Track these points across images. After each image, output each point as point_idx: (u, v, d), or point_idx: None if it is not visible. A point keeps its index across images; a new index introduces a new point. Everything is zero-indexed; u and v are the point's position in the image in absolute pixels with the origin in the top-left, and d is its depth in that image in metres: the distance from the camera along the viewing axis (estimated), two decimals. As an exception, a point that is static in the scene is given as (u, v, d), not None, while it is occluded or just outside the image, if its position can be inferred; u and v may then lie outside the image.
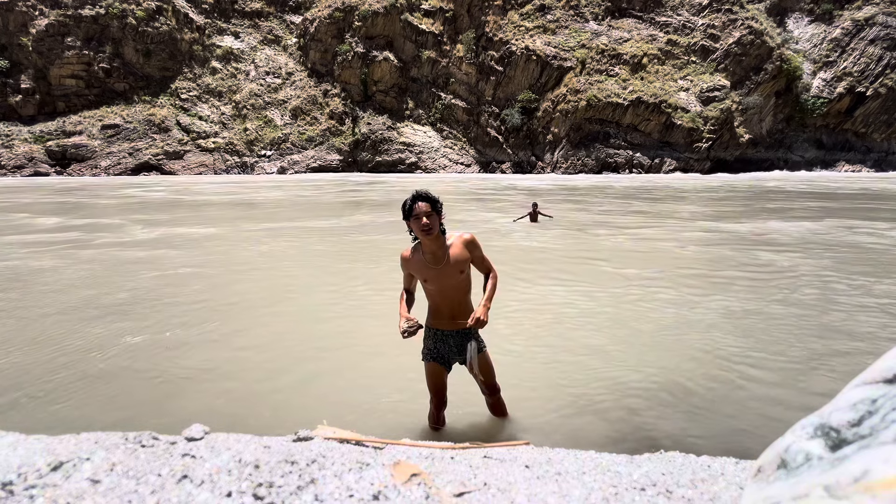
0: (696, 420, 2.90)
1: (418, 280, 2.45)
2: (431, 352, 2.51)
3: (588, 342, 4.09)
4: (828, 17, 46.32)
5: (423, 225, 2.23)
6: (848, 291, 5.55)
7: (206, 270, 6.89)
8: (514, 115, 44.51)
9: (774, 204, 16.90)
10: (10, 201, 19.25)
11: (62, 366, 3.68)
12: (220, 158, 45.45)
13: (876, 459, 0.66)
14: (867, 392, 0.81)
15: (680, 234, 10.18)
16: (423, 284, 2.42)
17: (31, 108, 43.49)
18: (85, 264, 7.36)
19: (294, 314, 4.93)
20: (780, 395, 3.17)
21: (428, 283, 2.39)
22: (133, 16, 45.27)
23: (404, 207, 2.28)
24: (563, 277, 6.35)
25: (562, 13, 46.05)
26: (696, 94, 42.41)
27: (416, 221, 2.24)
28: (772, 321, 4.56)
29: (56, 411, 3.03)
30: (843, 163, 45.40)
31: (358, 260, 7.59)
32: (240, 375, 3.53)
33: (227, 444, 1.38)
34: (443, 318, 2.45)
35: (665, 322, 4.57)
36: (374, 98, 49.91)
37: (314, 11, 51.25)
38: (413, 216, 2.24)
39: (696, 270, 6.72)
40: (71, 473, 1.17)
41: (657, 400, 3.12)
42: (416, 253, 2.40)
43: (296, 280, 6.37)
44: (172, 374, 3.55)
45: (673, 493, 1.22)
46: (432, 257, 2.35)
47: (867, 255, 7.73)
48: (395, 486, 1.19)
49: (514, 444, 1.59)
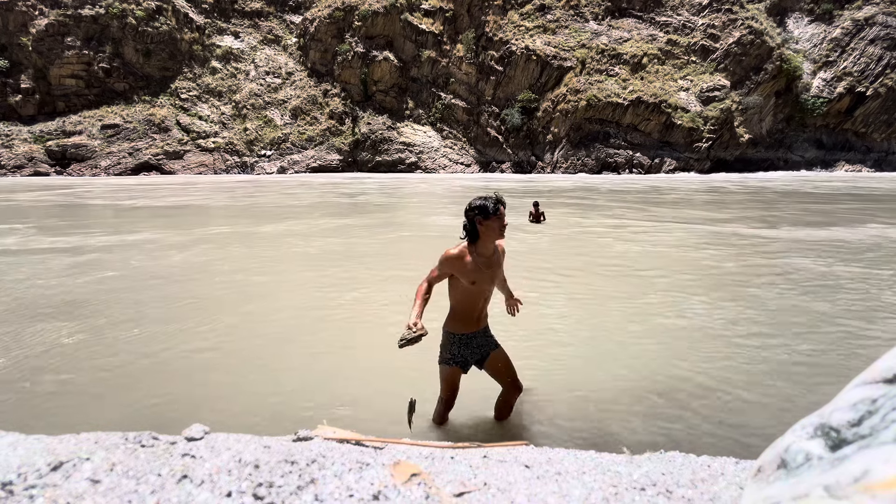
0: (696, 419, 2.90)
1: (458, 282, 2.45)
2: (455, 357, 2.55)
3: (589, 341, 4.09)
4: (828, 16, 46.31)
5: (504, 226, 2.35)
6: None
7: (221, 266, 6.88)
8: (514, 115, 44.50)
9: (816, 205, 15.38)
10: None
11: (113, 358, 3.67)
12: (219, 158, 45.45)
13: (876, 459, 0.66)
14: (867, 392, 0.80)
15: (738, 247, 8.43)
16: (466, 287, 2.42)
17: (31, 107, 43.49)
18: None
19: (293, 314, 4.93)
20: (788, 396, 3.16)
21: (476, 285, 2.41)
22: (133, 16, 45.25)
23: (486, 208, 2.31)
24: (599, 284, 6.34)
25: (562, 13, 46.03)
26: (696, 94, 42.40)
27: (499, 221, 2.33)
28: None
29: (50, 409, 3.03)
30: (842, 163, 45.40)
31: (360, 261, 7.59)
32: (240, 375, 3.53)
33: (226, 443, 1.38)
34: (471, 321, 2.52)
35: (678, 325, 4.57)
36: (374, 98, 49.91)
37: (314, 11, 51.25)
38: (497, 216, 2.32)
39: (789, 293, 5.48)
40: (71, 473, 1.17)
41: (657, 399, 3.12)
42: (471, 255, 2.39)
43: (296, 279, 6.37)
44: (172, 373, 3.55)
45: (673, 492, 1.22)
46: (486, 260, 2.41)
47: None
48: (395, 486, 1.19)
49: (514, 444, 1.59)
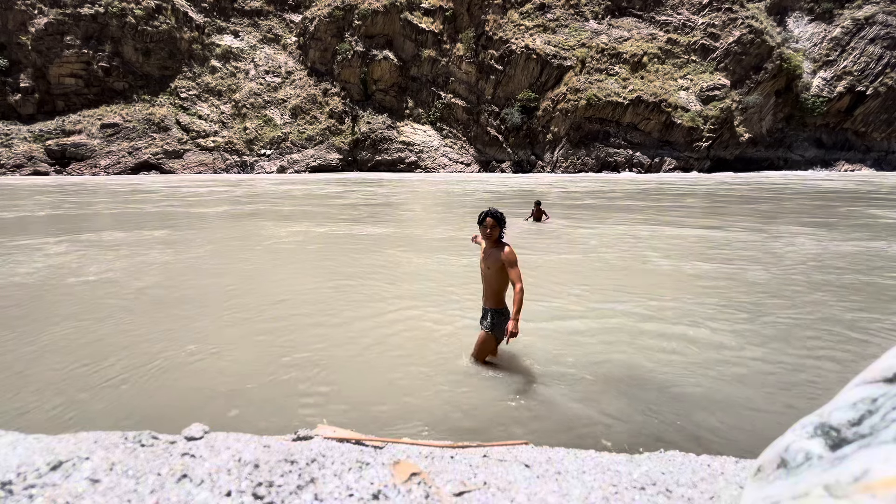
0: (696, 420, 2.89)
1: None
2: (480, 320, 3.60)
3: (593, 343, 4.09)
4: (828, 16, 46.29)
5: (485, 233, 3.30)
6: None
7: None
8: (513, 115, 44.48)
9: (848, 207, 14.11)
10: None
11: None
12: (219, 157, 45.44)
13: (876, 459, 0.66)
14: (867, 391, 0.80)
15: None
16: (482, 270, 3.49)
17: (31, 107, 43.46)
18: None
19: (292, 312, 4.92)
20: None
21: (481, 264, 3.46)
22: (132, 14, 45.21)
23: (479, 217, 3.38)
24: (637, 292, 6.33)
25: (562, 12, 46.00)
26: (696, 94, 42.39)
27: (483, 228, 3.30)
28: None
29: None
30: (842, 162, 45.41)
31: (358, 262, 7.58)
32: (239, 374, 3.52)
33: (226, 443, 1.38)
34: (483, 295, 3.49)
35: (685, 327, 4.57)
36: (373, 97, 49.89)
37: (314, 10, 51.21)
38: (482, 224, 3.30)
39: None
40: (70, 473, 1.17)
41: (656, 399, 3.12)
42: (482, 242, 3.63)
43: (294, 278, 6.37)
44: (171, 373, 3.55)
45: (673, 492, 1.21)
46: (483, 254, 3.45)
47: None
48: (395, 486, 1.19)
49: (514, 444, 1.59)
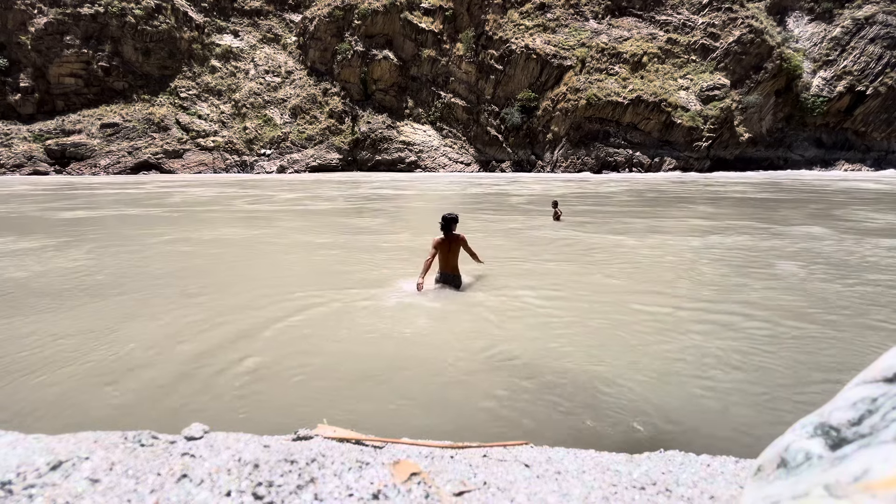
0: (696, 419, 2.90)
1: (437, 252, 5.29)
2: (438, 280, 5.44)
3: (593, 341, 4.09)
4: (828, 15, 46.27)
5: (445, 234, 5.25)
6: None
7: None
8: (513, 114, 44.46)
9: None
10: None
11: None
12: (219, 157, 45.42)
13: (876, 458, 0.66)
14: (867, 391, 0.80)
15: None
16: (442, 254, 5.31)
17: (31, 106, 43.44)
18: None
19: (290, 311, 4.92)
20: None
21: (445, 253, 5.29)
22: (132, 14, 45.18)
23: (443, 220, 5.31)
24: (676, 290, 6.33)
25: (562, 12, 45.98)
26: (696, 93, 42.38)
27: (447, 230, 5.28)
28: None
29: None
30: (842, 162, 45.41)
31: (358, 259, 7.59)
32: (239, 374, 3.52)
33: (226, 443, 1.38)
34: (447, 267, 5.35)
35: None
36: (373, 97, 49.88)
37: (314, 10, 51.19)
38: (445, 227, 5.30)
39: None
40: (70, 473, 1.17)
41: (656, 399, 3.12)
42: (443, 239, 5.32)
43: (295, 277, 6.37)
44: (170, 373, 3.55)
45: (673, 491, 1.22)
46: (448, 241, 5.23)
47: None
48: (395, 486, 1.19)
49: (514, 444, 1.59)
